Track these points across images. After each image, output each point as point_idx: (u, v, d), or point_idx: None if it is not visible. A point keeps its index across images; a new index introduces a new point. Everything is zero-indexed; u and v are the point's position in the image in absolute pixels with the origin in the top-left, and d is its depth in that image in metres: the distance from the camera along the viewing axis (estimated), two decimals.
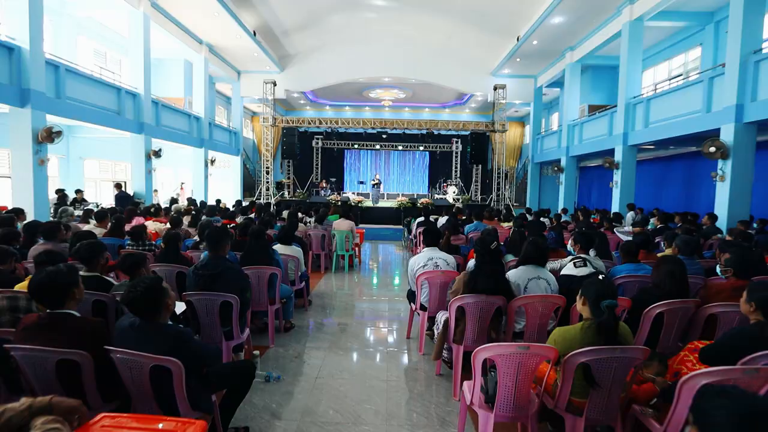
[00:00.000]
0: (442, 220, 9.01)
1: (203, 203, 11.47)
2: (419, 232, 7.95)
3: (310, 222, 8.33)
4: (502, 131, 16.04)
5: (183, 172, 15.94)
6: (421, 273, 4.06)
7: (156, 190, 13.95)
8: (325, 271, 7.83)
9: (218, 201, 11.83)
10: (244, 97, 17.56)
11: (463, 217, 9.30)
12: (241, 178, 17.23)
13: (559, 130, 14.85)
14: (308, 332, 4.73)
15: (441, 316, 3.57)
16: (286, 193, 18.70)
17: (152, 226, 7.60)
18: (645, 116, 10.49)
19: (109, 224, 5.90)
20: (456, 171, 20.55)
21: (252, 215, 8.55)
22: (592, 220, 10.46)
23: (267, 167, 16.54)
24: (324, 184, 19.34)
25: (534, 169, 16.88)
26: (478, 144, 16.20)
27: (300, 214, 8.87)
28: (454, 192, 18.57)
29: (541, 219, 9.50)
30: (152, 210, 7.97)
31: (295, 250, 5.04)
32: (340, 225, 7.69)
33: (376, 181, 18.23)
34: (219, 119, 18.37)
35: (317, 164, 21.17)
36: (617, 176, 11.33)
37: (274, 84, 16.15)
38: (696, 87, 8.85)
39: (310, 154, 20.99)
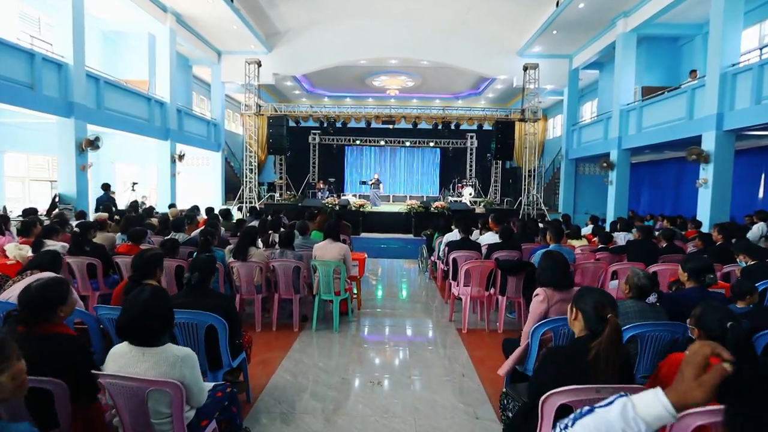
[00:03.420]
0: (486, 238, 5.68)
1: (150, 209, 8.18)
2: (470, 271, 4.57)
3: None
4: (534, 120, 12.68)
5: (153, 171, 12.64)
6: None
7: (113, 192, 10.70)
8: (301, 328, 4.50)
9: (172, 205, 8.54)
10: (225, 83, 14.24)
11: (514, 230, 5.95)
12: (223, 178, 13.93)
13: (607, 117, 11.48)
14: None
15: None
16: (278, 195, 15.43)
17: (13, 252, 4.31)
18: (755, 91, 7.12)
19: None
20: (471, 170, 17.18)
21: (193, 233, 5.24)
22: (685, 234, 7.13)
23: (251, 165, 13.23)
24: (321, 185, 16.08)
25: (568, 167, 13.49)
26: (504, 136, 12.81)
27: (270, 231, 5.54)
28: (470, 194, 15.27)
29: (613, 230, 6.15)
30: (21, 225, 4.67)
31: (174, 365, 1.71)
32: (325, 251, 4.37)
33: (375, 181, 14.89)
34: (201, 111, 15.11)
35: (314, 162, 17.86)
36: (707, 172, 7.98)
37: (259, 64, 12.85)
38: None
39: (306, 150, 17.68)
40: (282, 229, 6.40)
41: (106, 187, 9.28)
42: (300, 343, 4.10)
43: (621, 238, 5.79)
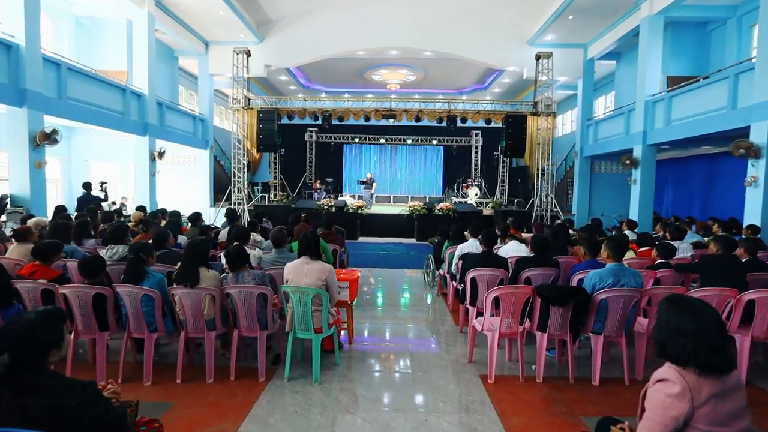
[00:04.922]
0: (509, 249, 4.45)
1: (109, 213, 6.97)
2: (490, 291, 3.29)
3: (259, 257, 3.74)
4: (548, 114, 11.44)
5: (133, 169, 11.42)
6: None
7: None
8: (269, 376, 3.27)
9: (141, 207, 7.27)
10: (215, 76, 13.04)
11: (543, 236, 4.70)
12: (211, 177, 12.73)
13: (629, 110, 10.23)
14: None
15: None
16: (272, 196, 14.20)
17: None
18: None
19: None
20: (476, 169, 15.93)
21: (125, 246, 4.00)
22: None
23: (240, 163, 12.00)
24: (318, 185, 14.85)
25: (583, 165, 12.23)
26: (515, 132, 11.54)
27: (235, 243, 4.30)
28: (476, 194, 14.02)
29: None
30: None
31: None
32: (300, 273, 3.12)
33: (368, 180, 13.65)
34: (190, 106, 13.93)
35: (311, 161, 16.62)
36: (757, 169, 6.74)
37: (248, 54, 11.62)
38: None
39: (303, 149, 16.44)
40: (259, 237, 5.19)
41: (87, 186, 8.47)
42: (263, 406, 2.86)
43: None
